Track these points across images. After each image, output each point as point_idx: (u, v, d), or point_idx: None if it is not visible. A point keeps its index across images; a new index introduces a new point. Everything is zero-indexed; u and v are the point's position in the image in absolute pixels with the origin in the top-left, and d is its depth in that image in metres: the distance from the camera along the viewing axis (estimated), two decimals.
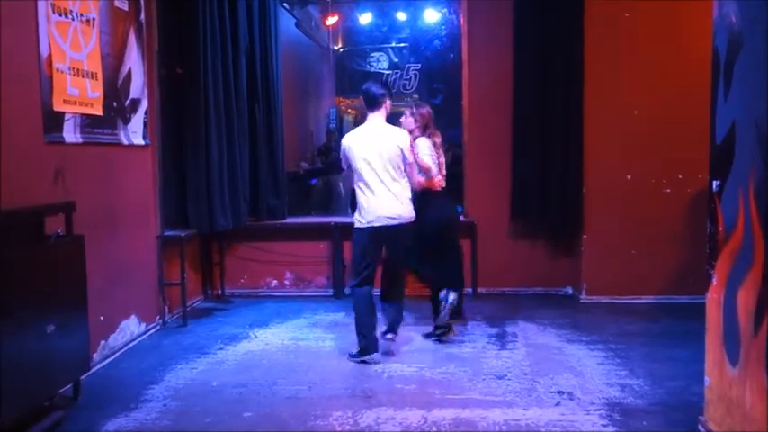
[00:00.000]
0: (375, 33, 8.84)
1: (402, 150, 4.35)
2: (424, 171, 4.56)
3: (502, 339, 4.86)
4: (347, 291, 4.36)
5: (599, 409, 3.54)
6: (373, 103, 4.41)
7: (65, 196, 3.88)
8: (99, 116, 4.39)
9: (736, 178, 2.81)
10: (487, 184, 6.05)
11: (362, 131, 4.42)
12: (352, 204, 4.62)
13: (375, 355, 4.36)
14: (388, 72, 8.39)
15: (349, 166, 4.43)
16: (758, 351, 2.59)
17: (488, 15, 6.22)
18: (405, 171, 4.40)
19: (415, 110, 4.82)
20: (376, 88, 4.44)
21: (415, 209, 4.45)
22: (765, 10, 2.56)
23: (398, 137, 4.39)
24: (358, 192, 4.37)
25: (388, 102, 4.46)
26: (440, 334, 4.79)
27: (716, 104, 3.00)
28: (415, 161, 4.49)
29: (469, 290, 6.27)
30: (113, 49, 4.62)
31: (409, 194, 4.43)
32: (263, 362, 4.44)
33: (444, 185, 4.81)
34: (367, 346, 4.35)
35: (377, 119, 4.41)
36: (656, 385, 3.88)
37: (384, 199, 4.30)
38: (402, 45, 8.78)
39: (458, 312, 4.84)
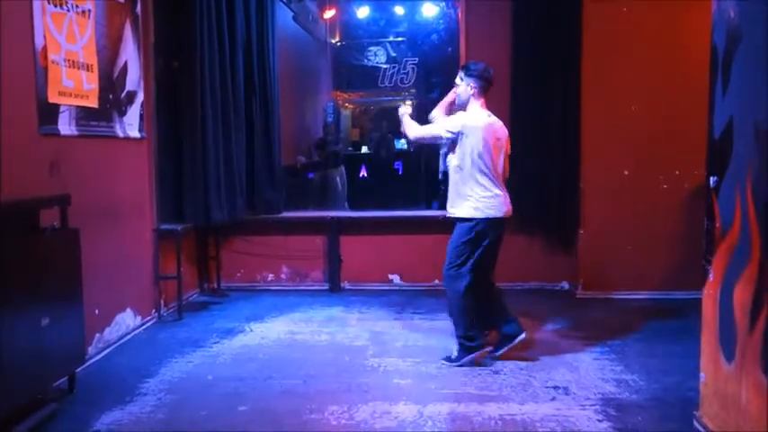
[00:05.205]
0: (373, 27, 8.80)
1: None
2: None
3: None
4: (451, 273, 4.02)
5: (594, 405, 3.55)
6: (489, 87, 4.18)
7: (60, 189, 3.86)
8: (94, 108, 4.37)
9: (734, 174, 2.81)
10: None
11: (485, 114, 4.15)
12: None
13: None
14: (385, 66, 8.35)
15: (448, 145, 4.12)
16: (754, 347, 2.60)
17: (486, 10, 6.19)
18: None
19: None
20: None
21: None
22: (764, 5, 2.55)
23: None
24: (479, 180, 4.15)
25: None
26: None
27: (714, 100, 3.00)
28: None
29: None
30: (109, 41, 4.59)
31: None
32: (258, 356, 4.44)
33: None
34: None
35: (482, 104, 4.19)
36: (651, 381, 3.88)
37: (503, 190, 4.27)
38: (400, 39, 8.74)
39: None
